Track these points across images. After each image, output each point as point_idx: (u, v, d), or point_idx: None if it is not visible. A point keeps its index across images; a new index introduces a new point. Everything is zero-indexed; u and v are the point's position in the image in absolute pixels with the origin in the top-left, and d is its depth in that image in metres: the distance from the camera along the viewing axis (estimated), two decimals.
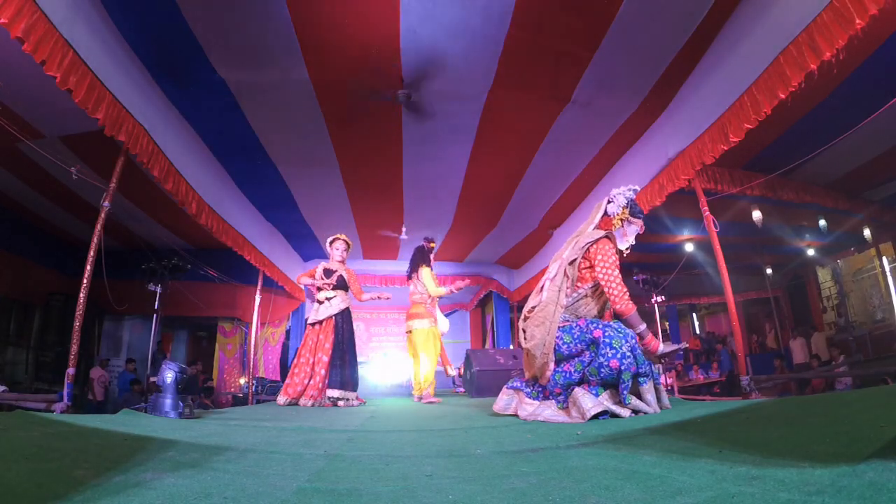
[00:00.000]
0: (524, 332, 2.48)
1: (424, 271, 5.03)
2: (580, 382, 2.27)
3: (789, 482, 0.81)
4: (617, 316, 2.40)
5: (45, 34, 2.64)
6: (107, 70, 3.24)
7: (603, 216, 2.62)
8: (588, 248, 2.45)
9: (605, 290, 2.38)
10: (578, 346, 2.29)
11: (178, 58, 3.78)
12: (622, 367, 2.15)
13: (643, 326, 2.33)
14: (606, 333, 2.23)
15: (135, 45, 3.62)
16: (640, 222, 2.58)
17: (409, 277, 5.20)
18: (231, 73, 3.95)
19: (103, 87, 3.19)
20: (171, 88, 4.12)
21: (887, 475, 0.75)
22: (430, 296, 5.00)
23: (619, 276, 2.37)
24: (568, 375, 2.29)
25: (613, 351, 2.17)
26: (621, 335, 2.22)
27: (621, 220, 2.56)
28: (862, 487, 0.73)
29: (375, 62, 3.91)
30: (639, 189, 2.67)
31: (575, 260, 2.45)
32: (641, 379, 2.22)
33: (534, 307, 2.47)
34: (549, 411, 2.29)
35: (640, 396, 2.21)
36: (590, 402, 2.13)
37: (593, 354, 2.24)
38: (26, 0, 2.49)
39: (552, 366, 2.33)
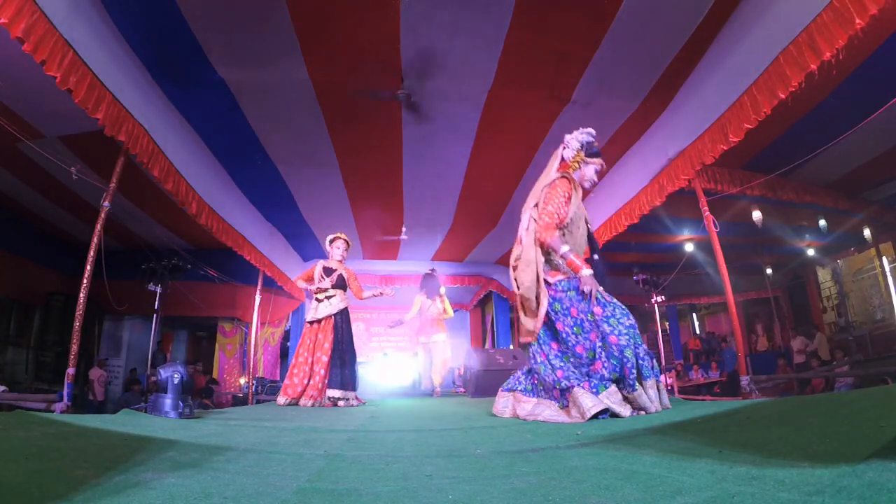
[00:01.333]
0: (515, 280, 2.55)
1: (446, 300, 6.58)
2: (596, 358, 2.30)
3: (789, 482, 0.81)
4: (540, 245, 2.44)
5: (45, 34, 2.64)
6: (107, 70, 3.24)
7: (560, 162, 2.66)
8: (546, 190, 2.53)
9: (538, 214, 2.45)
10: (579, 304, 2.35)
11: (178, 58, 3.78)
12: (622, 344, 2.20)
13: (566, 248, 2.37)
14: (606, 311, 2.31)
15: (135, 45, 3.62)
16: (597, 161, 2.65)
17: (431, 298, 6.46)
18: (231, 73, 3.95)
19: (103, 87, 3.19)
20: (171, 88, 4.12)
21: (887, 475, 0.75)
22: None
23: (556, 208, 2.41)
24: (592, 346, 2.30)
25: (611, 328, 2.25)
26: (622, 311, 2.30)
27: (577, 162, 2.62)
28: (862, 487, 0.72)
29: (375, 62, 3.91)
30: (594, 132, 2.68)
31: (538, 204, 2.52)
32: (646, 373, 2.23)
33: (518, 256, 2.56)
34: (548, 411, 2.28)
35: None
36: (590, 401, 2.13)
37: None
38: (26, 0, 2.49)
39: (545, 301, 2.38)
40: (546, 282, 2.43)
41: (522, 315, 2.51)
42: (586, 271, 2.32)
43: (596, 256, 2.56)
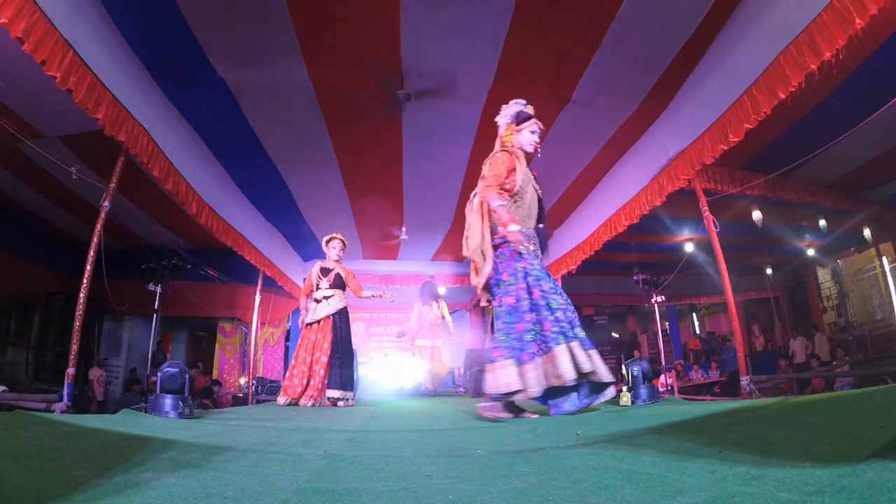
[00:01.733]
0: (466, 244, 2.67)
1: (444, 304, 6.84)
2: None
3: (789, 482, 0.81)
4: (482, 202, 2.59)
5: (45, 34, 2.64)
6: (107, 70, 3.24)
7: (500, 141, 2.79)
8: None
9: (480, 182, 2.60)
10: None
11: (178, 58, 3.78)
12: (541, 303, 2.36)
13: (498, 203, 2.45)
14: (532, 266, 2.48)
15: (135, 45, 3.62)
16: (529, 124, 2.72)
17: (428, 304, 6.67)
18: (231, 73, 3.95)
19: (103, 87, 3.19)
20: (171, 88, 4.12)
21: (887, 475, 0.75)
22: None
23: (496, 173, 2.53)
24: (519, 296, 2.42)
25: (535, 284, 2.45)
26: (549, 275, 2.51)
27: (510, 135, 2.73)
28: (862, 487, 0.72)
29: (375, 62, 3.92)
30: (523, 101, 2.78)
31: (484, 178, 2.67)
32: (569, 335, 2.29)
33: (468, 225, 2.71)
34: (507, 376, 2.34)
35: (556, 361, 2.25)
36: (513, 375, 2.27)
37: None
38: (26, 0, 2.49)
39: (491, 253, 2.53)
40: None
41: (474, 276, 2.66)
42: (513, 227, 2.40)
43: (541, 225, 2.72)
